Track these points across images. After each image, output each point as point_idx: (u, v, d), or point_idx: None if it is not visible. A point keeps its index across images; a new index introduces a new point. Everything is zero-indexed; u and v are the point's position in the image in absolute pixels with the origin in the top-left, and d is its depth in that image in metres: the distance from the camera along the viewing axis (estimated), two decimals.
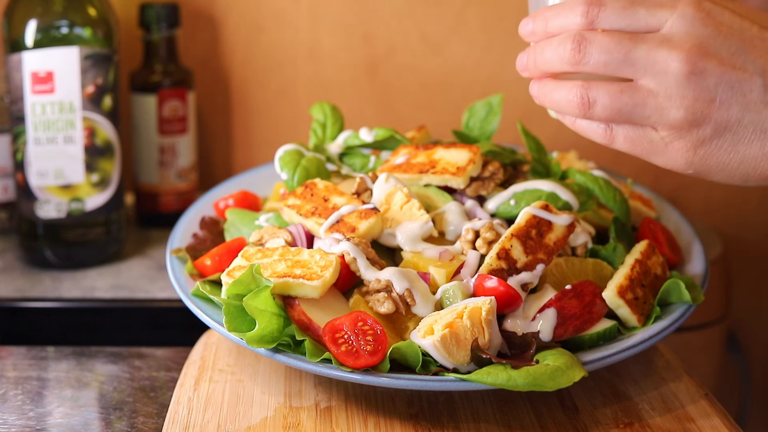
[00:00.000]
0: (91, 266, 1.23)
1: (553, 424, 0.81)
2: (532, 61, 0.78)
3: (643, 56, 0.73)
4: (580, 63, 0.74)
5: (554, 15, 0.76)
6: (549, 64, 0.76)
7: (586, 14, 0.74)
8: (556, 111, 0.79)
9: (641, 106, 0.74)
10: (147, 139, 1.34)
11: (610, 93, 0.74)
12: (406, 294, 0.83)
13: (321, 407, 0.84)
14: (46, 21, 1.15)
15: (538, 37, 0.78)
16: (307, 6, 1.42)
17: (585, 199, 0.96)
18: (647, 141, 0.75)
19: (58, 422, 0.87)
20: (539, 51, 0.77)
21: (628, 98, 0.74)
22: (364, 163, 1.05)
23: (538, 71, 0.78)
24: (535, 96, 0.79)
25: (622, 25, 0.74)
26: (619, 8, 0.74)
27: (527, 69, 0.79)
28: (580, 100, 0.75)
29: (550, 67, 0.76)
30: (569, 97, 0.76)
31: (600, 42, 0.73)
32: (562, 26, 0.76)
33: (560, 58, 0.75)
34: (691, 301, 0.88)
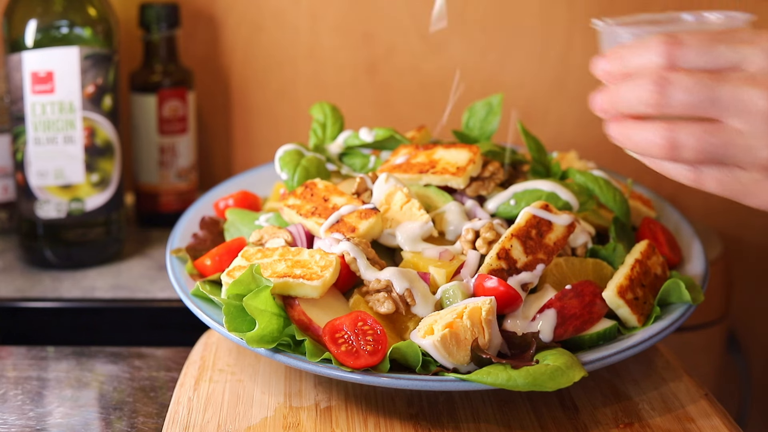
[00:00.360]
0: (91, 266, 1.23)
1: (553, 424, 0.81)
2: (609, 102, 0.75)
3: (728, 96, 0.70)
4: (663, 105, 0.71)
5: (631, 54, 0.73)
6: (629, 106, 0.73)
7: (665, 54, 0.71)
8: (638, 153, 0.76)
9: (729, 147, 0.70)
10: (147, 139, 1.34)
11: (696, 135, 0.71)
12: (406, 294, 0.83)
13: (321, 407, 0.84)
14: (46, 21, 1.15)
15: (614, 78, 0.75)
16: (307, 6, 1.42)
17: (585, 200, 0.96)
18: (738, 182, 0.72)
19: (58, 422, 0.87)
20: (617, 92, 0.74)
21: (715, 139, 0.70)
22: (364, 163, 1.05)
23: (616, 112, 0.75)
24: (613, 137, 0.76)
25: (702, 64, 0.71)
26: (699, 46, 0.71)
27: (604, 110, 0.76)
28: (665, 143, 0.72)
29: (630, 109, 0.73)
30: (653, 139, 0.72)
31: (682, 82, 0.70)
32: (640, 66, 0.72)
33: (641, 99, 0.72)
34: (691, 301, 0.88)
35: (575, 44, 1.43)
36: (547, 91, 1.45)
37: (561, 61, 1.44)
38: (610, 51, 0.75)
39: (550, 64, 1.44)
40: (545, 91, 1.45)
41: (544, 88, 1.45)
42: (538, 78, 1.45)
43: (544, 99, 1.46)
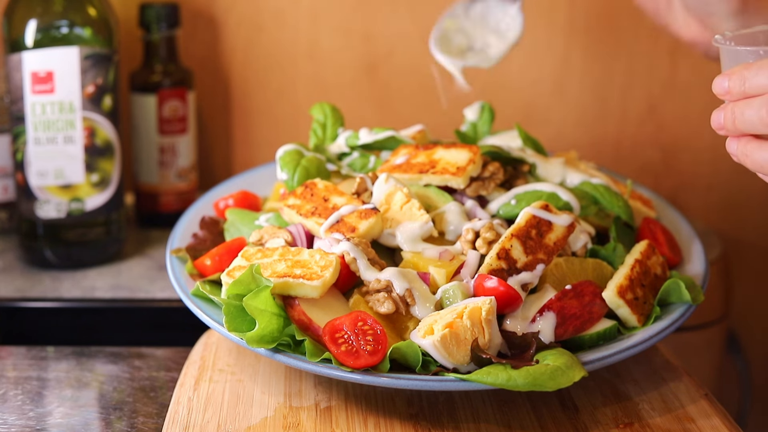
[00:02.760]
0: (91, 266, 1.23)
1: (553, 424, 0.81)
2: (730, 120, 0.75)
3: None
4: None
5: (753, 75, 0.74)
6: (749, 126, 0.74)
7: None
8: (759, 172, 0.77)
9: None
10: (147, 139, 1.34)
11: None
12: (406, 294, 0.83)
13: (321, 407, 0.84)
14: (46, 21, 1.15)
15: (734, 97, 0.75)
16: (307, 6, 1.42)
17: (587, 204, 0.96)
18: None
19: (58, 422, 0.87)
20: (739, 111, 0.74)
21: None
22: (364, 163, 1.05)
23: (737, 131, 0.76)
24: (734, 154, 0.77)
25: None
26: None
27: (725, 128, 0.76)
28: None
29: (751, 129, 0.74)
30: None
31: None
32: (762, 86, 0.73)
33: (762, 120, 0.72)
34: (691, 301, 0.88)
35: (575, 45, 1.43)
36: (548, 92, 1.45)
37: (561, 62, 1.44)
38: (731, 70, 0.75)
39: (551, 65, 1.44)
40: (545, 92, 1.45)
41: (545, 88, 1.45)
42: (539, 79, 1.45)
43: (545, 100, 1.46)
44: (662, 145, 1.46)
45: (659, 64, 1.44)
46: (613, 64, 1.44)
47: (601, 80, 1.45)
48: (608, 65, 1.44)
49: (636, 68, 1.44)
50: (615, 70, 1.44)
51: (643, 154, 1.45)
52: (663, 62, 1.44)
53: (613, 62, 1.44)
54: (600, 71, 1.45)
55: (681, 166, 1.47)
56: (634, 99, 1.45)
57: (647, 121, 1.46)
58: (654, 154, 1.46)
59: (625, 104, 1.46)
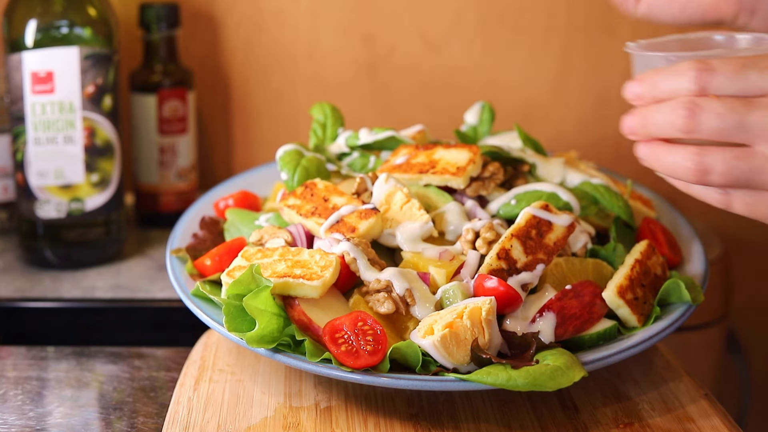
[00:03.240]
0: (91, 266, 1.23)
1: (553, 424, 0.81)
2: (640, 125, 0.76)
3: (758, 122, 0.71)
4: (693, 130, 0.72)
5: (663, 79, 0.74)
6: (659, 130, 0.74)
7: (697, 80, 0.72)
8: (667, 176, 0.77)
9: (758, 172, 0.72)
10: (147, 139, 1.34)
11: (725, 160, 0.72)
12: (406, 294, 0.83)
13: (321, 407, 0.84)
14: (46, 21, 1.15)
15: (645, 102, 0.76)
16: (307, 6, 1.42)
17: (587, 204, 0.96)
18: (765, 205, 0.73)
19: (58, 422, 0.87)
20: (649, 115, 0.75)
21: (745, 165, 0.72)
22: (364, 163, 1.05)
23: (646, 135, 0.76)
24: (643, 159, 0.77)
25: (733, 90, 0.72)
26: (731, 73, 0.72)
27: (635, 132, 0.77)
28: (695, 167, 0.73)
29: (661, 133, 0.75)
30: (683, 163, 0.73)
31: (713, 108, 0.71)
32: (672, 91, 0.74)
33: (672, 124, 0.73)
34: (691, 301, 0.88)
35: (575, 45, 1.43)
36: (547, 92, 1.45)
37: (561, 62, 1.44)
38: (643, 75, 0.76)
39: (550, 65, 1.44)
40: (545, 92, 1.45)
41: (544, 88, 1.45)
42: (538, 78, 1.45)
43: (544, 99, 1.46)
44: None
45: None
46: (613, 64, 1.44)
47: (601, 80, 1.45)
48: (608, 65, 1.44)
49: None
50: (615, 70, 1.44)
51: None
52: None
53: (613, 62, 1.44)
54: (600, 71, 1.45)
55: None
56: None
57: None
58: None
59: (625, 104, 1.45)
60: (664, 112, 0.73)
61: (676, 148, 0.74)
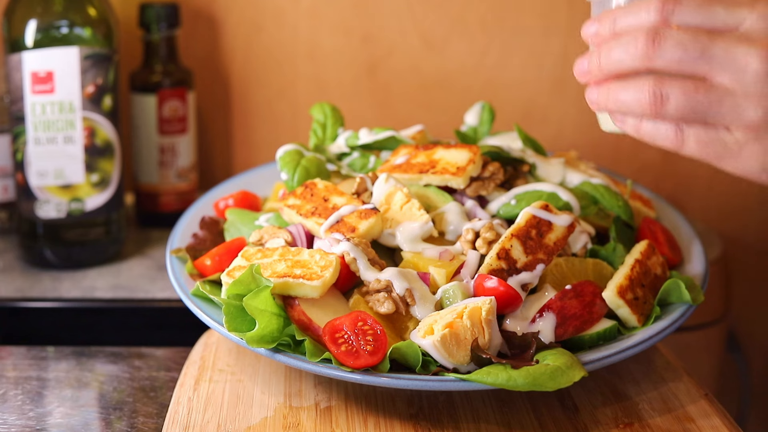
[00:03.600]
0: (91, 266, 1.23)
1: (553, 424, 0.81)
2: (595, 63, 0.73)
3: (721, 52, 0.69)
4: (653, 58, 0.70)
5: (624, 14, 0.72)
6: (617, 63, 0.72)
7: (660, 11, 0.70)
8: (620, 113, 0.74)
9: (717, 104, 0.70)
10: (147, 139, 1.34)
11: (684, 89, 0.70)
12: (406, 294, 0.83)
13: (321, 407, 0.84)
14: (46, 21, 1.15)
15: (603, 39, 0.74)
16: (307, 6, 1.43)
17: (587, 204, 0.96)
18: (720, 144, 0.71)
19: (58, 422, 0.87)
20: (606, 51, 0.73)
21: (704, 96, 0.70)
22: (364, 163, 1.05)
23: (602, 74, 0.74)
24: (594, 101, 0.75)
25: (698, 23, 0.70)
26: (696, 6, 0.70)
27: (590, 72, 0.74)
28: (651, 97, 0.70)
29: (618, 66, 0.72)
30: (638, 95, 0.71)
31: (675, 37, 0.70)
32: (633, 24, 0.72)
33: (631, 54, 0.71)
34: (691, 301, 0.88)
35: (575, 44, 1.43)
36: (547, 92, 1.45)
37: (561, 62, 1.44)
38: (603, 13, 0.74)
39: (550, 64, 1.44)
40: (545, 92, 1.45)
41: (544, 88, 1.45)
42: (538, 78, 1.45)
43: (544, 99, 1.46)
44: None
45: None
46: None
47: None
48: None
49: None
50: None
51: (642, 155, 1.45)
52: None
53: None
54: None
55: (681, 166, 1.47)
56: None
57: None
58: (654, 154, 1.46)
59: None
60: (623, 44, 0.71)
61: (630, 81, 0.72)
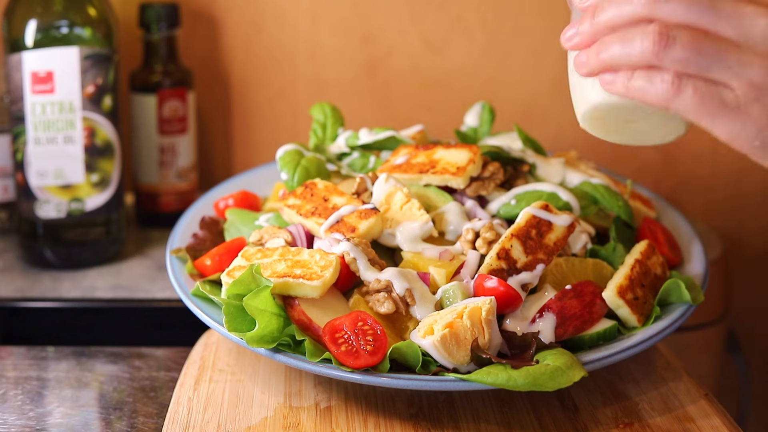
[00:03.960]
0: (91, 266, 1.23)
1: (553, 424, 0.81)
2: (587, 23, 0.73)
3: (729, 7, 0.67)
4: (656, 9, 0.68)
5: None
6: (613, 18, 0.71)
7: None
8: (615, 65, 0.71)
9: (723, 53, 0.67)
10: (147, 139, 1.34)
11: (691, 33, 0.67)
12: (406, 294, 0.83)
13: (321, 407, 0.84)
14: (46, 21, 1.15)
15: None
16: (307, 6, 1.43)
17: (587, 204, 0.96)
18: (718, 100, 0.68)
19: (58, 422, 0.87)
20: (600, 10, 0.71)
21: (711, 42, 0.67)
22: (364, 163, 1.05)
23: (595, 31, 0.73)
24: (584, 62, 0.73)
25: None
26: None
27: (580, 33, 0.74)
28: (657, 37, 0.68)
29: (615, 20, 0.71)
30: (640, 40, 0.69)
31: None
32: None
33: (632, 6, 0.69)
34: (691, 301, 0.88)
35: None
36: (547, 91, 1.45)
37: (561, 61, 1.44)
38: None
39: (550, 64, 1.44)
40: (545, 92, 1.45)
41: (544, 88, 1.45)
42: (538, 78, 1.45)
43: (544, 99, 1.46)
44: (662, 145, 1.46)
45: None
46: None
47: None
48: None
49: None
50: None
51: (642, 154, 1.45)
52: None
53: None
54: None
55: (681, 166, 1.47)
56: None
57: None
58: (654, 154, 1.46)
59: None
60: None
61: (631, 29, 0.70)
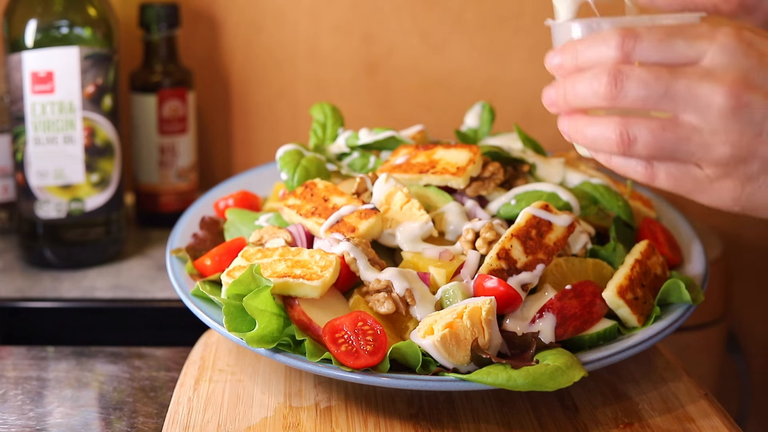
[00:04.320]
0: (91, 266, 1.23)
1: (553, 424, 0.81)
2: (561, 96, 0.73)
3: (684, 91, 0.68)
4: (617, 98, 0.69)
5: (586, 47, 0.72)
6: (582, 100, 0.72)
7: (621, 47, 0.70)
8: (590, 149, 0.75)
9: (685, 143, 0.69)
10: (147, 139, 1.34)
11: (651, 129, 0.70)
12: (406, 294, 0.83)
13: (321, 407, 0.84)
14: (46, 21, 1.15)
15: (567, 71, 0.73)
16: (307, 6, 1.43)
17: (587, 204, 0.96)
18: (691, 179, 0.71)
19: (58, 422, 0.87)
20: (570, 85, 0.72)
21: (671, 135, 0.69)
22: (364, 163, 1.05)
23: (568, 107, 0.74)
24: (565, 133, 0.75)
25: (659, 58, 0.69)
26: (656, 40, 0.69)
27: (556, 104, 0.74)
28: (619, 138, 0.70)
29: (583, 103, 0.72)
30: (606, 134, 0.71)
31: (637, 76, 0.69)
32: (595, 59, 0.71)
33: (595, 92, 0.70)
34: (691, 301, 0.88)
35: None
36: None
37: None
38: (565, 45, 0.74)
39: None
40: None
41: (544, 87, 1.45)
42: (538, 78, 1.45)
43: None
44: None
45: None
46: None
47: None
48: None
49: None
50: None
51: None
52: None
53: None
54: None
55: None
56: None
57: None
58: None
59: None
60: (586, 81, 0.71)
61: (598, 119, 0.72)
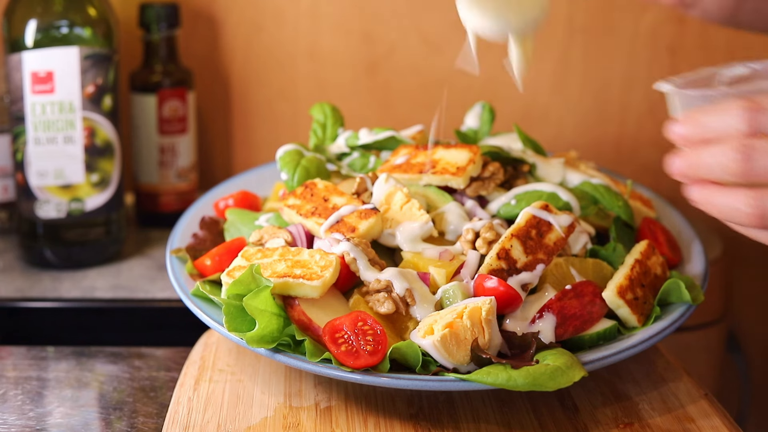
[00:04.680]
0: (91, 266, 1.23)
1: (553, 424, 0.81)
2: (689, 167, 0.72)
3: None
4: (748, 174, 0.69)
5: (710, 120, 0.71)
6: (710, 173, 0.71)
7: (747, 120, 0.69)
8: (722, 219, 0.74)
9: None
10: (147, 139, 1.34)
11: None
12: (406, 294, 0.83)
13: (321, 407, 0.84)
14: (46, 21, 1.15)
15: (692, 144, 0.72)
16: (307, 6, 1.43)
17: (587, 204, 0.96)
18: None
19: (58, 422, 0.87)
20: (698, 158, 0.71)
21: None
22: (364, 163, 1.05)
23: (696, 177, 0.73)
24: (696, 202, 0.74)
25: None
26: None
27: (684, 174, 0.73)
28: (753, 212, 0.70)
29: (713, 176, 0.71)
30: (740, 207, 0.70)
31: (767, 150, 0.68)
32: (721, 132, 0.70)
33: (724, 168, 0.70)
34: (691, 301, 0.88)
35: (575, 44, 1.43)
36: (547, 92, 1.45)
37: (561, 62, 1.44)
38: (686, 115, 0.73)
39: (550, 65, 1.44)
40: (545, 92, 1.45)
41: (544, 88, 1.45)
42: (538, 78, 1.45)
43: (544, 99, 1.46)
44: (662, 145, 1.46)
45: (659, 64, 1.44)
46: (612, 64, 1.44)
47: (601, 80, 1.45)
48: (608, 65, 1.44)
49: (636, 68, 1.44)
50: (614, 70, 1.44)
51: (643, 154, 1.45)
52: (663, 62, 1.44)
53: (612, 62, 1.44)
54: (600, 71, 1.45)
55: None
56: (634, 99, 1.45)
57: (647, 121, 1.46)
58: (654, 154, 1.46)
59: (625, 104, 1.46)
60: (715, 156, 0.70)
61: (730, 191, 0.71)
